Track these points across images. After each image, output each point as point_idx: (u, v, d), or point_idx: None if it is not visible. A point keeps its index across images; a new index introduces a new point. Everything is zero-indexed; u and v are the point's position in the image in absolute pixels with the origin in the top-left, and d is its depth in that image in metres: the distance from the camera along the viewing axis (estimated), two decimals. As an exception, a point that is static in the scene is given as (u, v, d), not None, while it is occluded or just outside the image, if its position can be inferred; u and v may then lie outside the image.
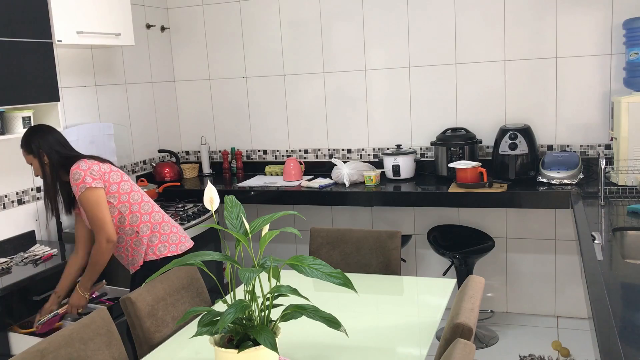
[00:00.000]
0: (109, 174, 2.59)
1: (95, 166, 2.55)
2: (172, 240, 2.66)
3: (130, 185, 2.65)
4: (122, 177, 2.64)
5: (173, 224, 2.74)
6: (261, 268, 1.67)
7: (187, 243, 2.72)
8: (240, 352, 1.58)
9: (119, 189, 2.59)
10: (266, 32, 4.22)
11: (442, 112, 3.91)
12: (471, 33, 3.76)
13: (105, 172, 2.57)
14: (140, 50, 4.11)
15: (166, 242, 2.64)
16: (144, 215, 2.62)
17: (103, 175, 2.55)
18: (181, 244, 2.69)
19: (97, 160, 2.61)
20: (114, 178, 2.59)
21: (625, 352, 1.46)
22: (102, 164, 2.61)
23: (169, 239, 2.65)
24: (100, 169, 2.56)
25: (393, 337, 2.06)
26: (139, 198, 2.64)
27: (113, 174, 2.60)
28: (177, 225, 2.77)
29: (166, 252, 2.63)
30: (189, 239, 2.77)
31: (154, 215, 2.66)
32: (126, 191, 2.61)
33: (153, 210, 2.67)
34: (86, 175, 2.50)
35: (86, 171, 2.51)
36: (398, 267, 2.74)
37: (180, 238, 2.70)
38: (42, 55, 2.86)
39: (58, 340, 1.87)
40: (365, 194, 3.64)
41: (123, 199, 2.59)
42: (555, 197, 3.28)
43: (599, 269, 2.06)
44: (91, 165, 2.54)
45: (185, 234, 2.77)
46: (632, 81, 3.31)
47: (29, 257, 2.88)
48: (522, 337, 3.64)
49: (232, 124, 4.44)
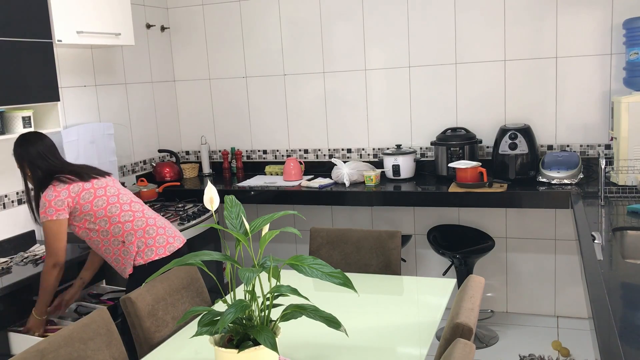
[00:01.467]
0: (79, 194, 2.59)
1: (64, 192, 2.56)
2: (159, 242, 2.67)
3: (107, 198, 2.65)
4: (96, 193, 2.62)
5: (160, 224, 2.73)
6: (261, 268, 1.67)
7: (175, 243, 2.72)
8: (240, 352, 1.58)
9: (92, 207, 2.60)
10: (266, 32, 4.22)
11: (442, 112, 3.91)
12: (471, 33, 3.76)
13: (75, 196, 2.58)
14: (140, 50, 4.11)
15: (153, 245, 2.65)
16: (126, 224, 2.64)
17: (72, 201, 2.57)
18: (169, 245, 2.69)
19: (73, 179, 2.60)
20: (86, 197, 2.60)
21: (625, 352, 1.46)
22: (74, 184, 2.59)
23: (155, 242, 2.66)
24: (70, 194, 2.57)
25: (393, 337, 2.06)
26: (117, 209, 2.65)
27: (84, 194, 2.60)
28: (165, 225, 2.76)
29: (153, 255, 2.64)
30: (178, 238, 2.76)
31: (136, 222, 2.66)
32: (101, 206, 2.62)
33: (135, 217, 2.67)
34: (49, 207, 2.54)
35: (51, 202, 2.54)
36: (398, 267, 2.74)
37: (168, 239, 2.70)
38: (42, 55, 2.86)
39: (58, 340, 1.87)
40: (365, 193, 3.64)
41: (99, 214, 2.61)
42: (555, 197, 3.28)
43: (599, 268, 2.06)
44: (59, 192, 2.56)
45: (174, 233, 2.76)
46: (632, 81, 3.31)
47: (29, 257, 2.89)
48: (522, 337, 3.64)
49: (232, 123, 4.44)
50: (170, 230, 2.76)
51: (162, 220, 2.79)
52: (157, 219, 2.76)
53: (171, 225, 2.83)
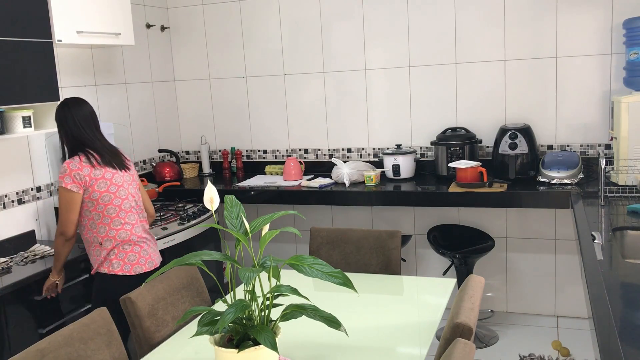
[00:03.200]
0: (97, 180, 2.63)
1: (87, 169, 2.61)
2: (129, 259, 2.68)
3: (113, 198, 2.66)
4: (109, 188, 2.65)
5: (140, 243, 2.73)
6: (261, 268, 1.67)
7: (145, 265, 2.72)
8: (240, 352, 1.59)
9: (99, 197, 2.64)
10: (266, 32, 4.22)
11: (442, 112, 3.91)
12: (471, 33, 3.76)
13: (93, 179, 2.62)
14: (140, 50, 4.11)
15: (122, 260, 2.67)
16: (111, 230, 2.66)
17: (88, 182, 2.61)
18: (137, 266, 2.69)
19: (98, 162, 2.64)
20: (100, 186, 2.64)
21: (625, 352, 1.46)
22: (98, 169, 2.64)
23: (125, 257, 2.68)
24: (91, 174, 2.61)
25: (393, 337, 2.06)
26: (115, 212, 2.66)
27: (101, 182, 2.64)
28: (145, 244, 2.76)
29: (118, 270, 2.66)
30: (150, 261, 2.76)
31: (120, 233, 2.67)
32: (105, 202, 2.65)
33: (123, 228, 2.68)
34: (67, 175, 2.59)
35: (71, 171, 2.59)
36: (398, 266, 2.74)
37: (139, 259, 2.71)
38: (42, 55, 2.86)
39: (58, 340, 1.87)
40: (365, 193, 3.64)
41: (99, 208, 2.64)
42: (555, 197, 3.28)
43: (599, 268, 2.06)
44: (82, 167, 2.61)
45: (149, 256, 2.75)
46: (632, 81, 3.31)
47: (29, 256, 2.89)
48: (522, 337, 3.64)
49: (232, 123, 4.44)
50: (146, 251, 2.75)
51: (147, 238, 2.79)
52: (142, 236, 2.76)
53: (153, 244, 2.84)
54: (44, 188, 3.29)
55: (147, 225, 2.85)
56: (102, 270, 2.67)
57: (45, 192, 3.29)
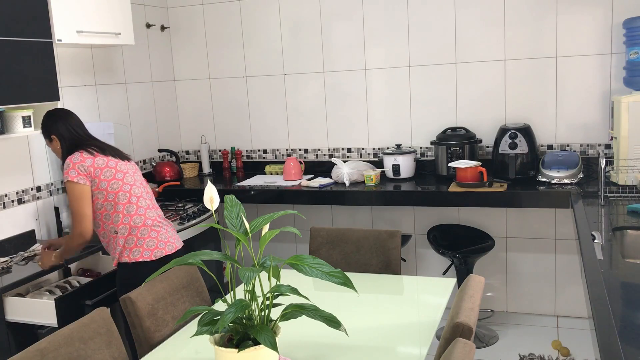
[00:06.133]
0: (102, 170, 2.64)
1: (89, 160, 2.62)
2: (148, 245, 2.66)
3: (122, 184, 2.66)
4: (115, 175, 2.66)
5: (157, 228, 2.72)
6: (261, 267, 1.67)
7: (165, 249, 2.70)
8: (240, 352, 1.58)
9: (107, 186, 2.63)
10: (266, 32, 4.22)
11: (442, 112, 3.90)
12: (471, 32, 3.76)
13: (98, 168, 2.63)
14: (140, 49, 4.11)
15: (141, 246, 2.65)
16: (125, 217, 2.65)
17: (93, 172, 2.62)
18: (157, 250, 2.67)
19: (98, 152, 2.67)
20: (106, 175, 2.64)
21: (625, 351, 1.46)
22: (100, 157, 2.65)
23: (144, 243, 2.66)
24: (94, 164, 2.62)
25: (393, 337, 2.06)
26: (126, 198, 2.66)
27: (106, 171, 2.65)
28: (161, 229, 2.74)
29: (139, 256, 2.64)
30: (171, 244, 2.74)
31: (135, 218, 2.66)
32: (114, 190, 2.64)
33: (137, 213, 2.67)
34: (72, 169, 2.60)
35: (75, 164, 2.60)
36: (398, 266, 2.74)
37: (158, 244, 2.68)
38: (42, 54, 2.86)
39: (58, 339, 1.87)
40: (365, 193, 3.64)
41: (110, 197, 2.64)
42: (555, 197, 3.28)
43: (599, 268, 2.05)
44: (85, 159, 2.61)
45: (168, 239, 2.74)
46: (632, 80, 3.31)
47: (29, 256, 2.89)
48: (522, 337, 3.64)
49: (232, 123, 4.44)
50: (164, 235, 2.73)
51: (162, 223, 2.77)
52: (157, 220, 2.75)
53: (171, 228, 2.82)
54: (43, 188, 3.29)
55: (160, 212, 2.83)
56: (123, 259, 2.65)
57: (45, 191, 3.29)
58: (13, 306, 2.57)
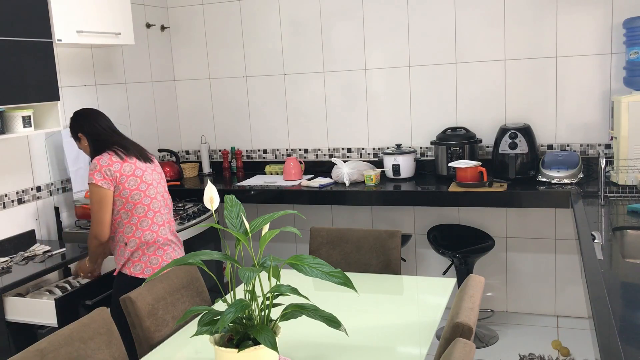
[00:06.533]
0: (128, 178, 2.62)
1: (117, 165, 2.60)
2: (151, 262, 2.67)
3: (142, 196, 2.65)
4: (139, 186, 2.64)
5: (165, 247, 2.72)
6: (261, 267, 1.67)
7: None
8: (240, 352, 1.59)
9: (129, 195, 2.62)
10: (266, 31, 4.22)
11: (442, 112, 3.90)
12: (471, 32, 3.76)
13: (124, 175, 2.61)
14: (140, 49, 4.11)
15: (144, 262, 2.66)
16: (138, 230, 2.65)
17: (119, 178, 2.60)
18: (158, 269, 2.67)
19: (126, 157, 2.64)
20: (130, 184, 2.62)
21: (625, 351, 1.46)
22: (128, 163, 2.63)
23: (148, 260, 2.66)
24: (121, 169, 2.61)
25: (393, 337, 2.06)
26: (143, 212, 2.65)
27: (132, 179, 2.63)
28: (170, 247, 2.74)
29: (139, 272, 2.66)
30: None
31: (147, 234, 2.66)
32: (134, 201, 2.63)
33: (150, 229, 2.67)
34: (97, 171, 2.58)
35: (102, 167, 2.59)
36: (398, 266, 2.74)
37: (161, 263, 2.69)
38: (42, 54, 2.86)
39: (58, 339, 1.87)
40: (365, 193, 3.64)
41: (128, 207, 2.63)
42: (555, 197, 3.28)
43: (599, 268, 2.05)
44: (112, 163, 2.60)
45: (171, 258, 2.74)
46: (632, 80, 3.31)
47: (29, 256, 2.89)
48: (522, 337, 3.64)
49: (232, 123, 4.44)
50: (170, 255, 2.74)
51: (172, 241, 2.77)
52: (168, 239, 2.74)
53: (179, 247, 2.82)
54: (43, 188, 3.29)
55: (174, 226, 2.84)
56: (124, 271, 2.66)
57: (45, 191, 3.29)
58: (13, 306, 2.57)
